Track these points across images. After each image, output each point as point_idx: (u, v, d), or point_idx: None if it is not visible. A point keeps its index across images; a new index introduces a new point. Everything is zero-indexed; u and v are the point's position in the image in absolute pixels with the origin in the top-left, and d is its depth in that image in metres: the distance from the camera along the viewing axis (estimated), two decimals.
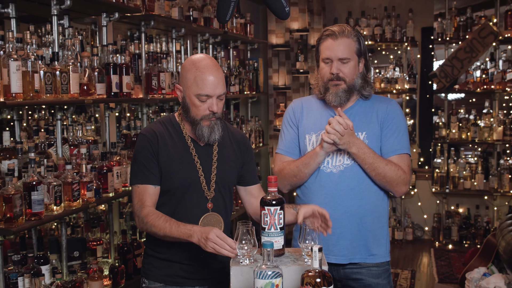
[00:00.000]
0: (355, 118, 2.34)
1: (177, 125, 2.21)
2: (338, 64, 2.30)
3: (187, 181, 2.14)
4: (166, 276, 2.19)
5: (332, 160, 2.32)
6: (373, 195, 2.34)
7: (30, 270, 2.48)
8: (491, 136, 5.75)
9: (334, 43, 2.30)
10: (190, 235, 1.94)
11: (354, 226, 2.31)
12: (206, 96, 2.08)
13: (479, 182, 5.86)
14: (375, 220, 2.34)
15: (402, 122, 2.37)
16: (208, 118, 2.11)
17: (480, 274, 3.97)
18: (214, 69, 2.09)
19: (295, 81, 6.14)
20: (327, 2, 6.34)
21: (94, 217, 3.47)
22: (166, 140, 2.16)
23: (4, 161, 2.48)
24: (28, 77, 2.38)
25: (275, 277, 1.64)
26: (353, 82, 2.33)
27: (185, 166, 2.15)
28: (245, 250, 1.87)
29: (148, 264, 2.24)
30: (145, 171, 2.12)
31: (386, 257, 2.38)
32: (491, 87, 5.73)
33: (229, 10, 2.63)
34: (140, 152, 2.16)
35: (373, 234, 2.34)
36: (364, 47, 2.36)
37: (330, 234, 2.18)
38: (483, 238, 5.53)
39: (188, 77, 2.10)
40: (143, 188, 2.12)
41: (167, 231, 2.00)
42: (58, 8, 2.69)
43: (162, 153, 2.14)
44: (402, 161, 2.32)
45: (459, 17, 5.95)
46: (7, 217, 2.26)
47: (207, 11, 4.32)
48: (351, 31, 2.32)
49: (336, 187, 2.31)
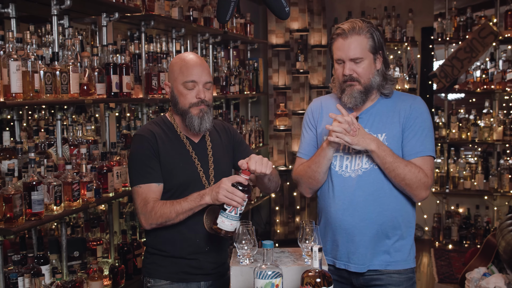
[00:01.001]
0: (375, 118, 2.21)
1: (170, 124, 2.26)
2: (350, 64, 2.15)
3: (188, 177, 2.18)
4: (172, 273, 2.21)
5: (351, 164, 2.19)
6: (394, 201, 2.18)
7: (30, 270, 2.48)
8: (491, 136, 5.75)
9: (344, 43, 2.15)
10: (201, 197, 2.03)
11: (373, 233, 2.16)
12: (192, 82, 2.16)
13: (479, 182, 5.86)
14: (397, 226, 2.19)
15: (426, 121, 2.18)
16: (197, 106, 2.17)
17: (480, 274, 3.97)
18: (198, 60, 2.21)
19: (295, 81, 6.14)
20: (327, 2, 6.34)
21: (94, 217, 3.47)
22: (163, 139, 2.20)
23: (4, 161, 2.48)
24: (28, 77, 2.38)
25: (275, 277, 1.64)
26: (369, 81, 2.17)
27: (185, 163, 2.20)
28: (245, 250, 1.88)
29: (152, 263, 2.24)
30: (147, 170, 2.14)
31: (410, 264, 2.23)
32: (491, 87, 5.73)
33: (229, 10, 2.63)
34: (139, 152, 2.17)
35: (394, 241, 2.19)
36: (379, 43, 2.18)
37: (349, 242, 2.16)
38: (483, 238, 5.53)
39: (174, 70, 2.21)
40: (146, 188, 2.14)
41: (178, 209, 2.05)
42: (58, 8, 2.69)
43: (162, 152, 2.17)
44: (425, 164, 2.14)
45: (459, 17, 5.95)
46: (7, 217, 2.26)
47: (207, 11, 4.32)
48: (363, 27, 2.14)
49: (354, 193, 2.16)
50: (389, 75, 2.23)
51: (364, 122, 2.20)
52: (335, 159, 2.21)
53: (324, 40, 6.19)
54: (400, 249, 2.20)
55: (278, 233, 6.11)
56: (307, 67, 6.12)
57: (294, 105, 6.16)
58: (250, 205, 5.19)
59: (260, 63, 6.01)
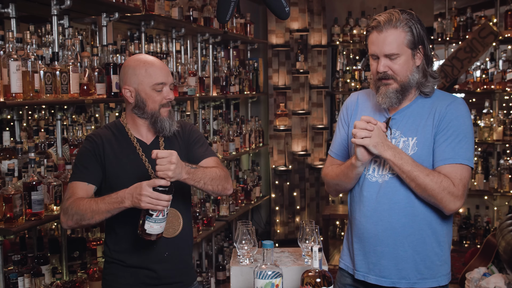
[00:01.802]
0: (409, 120, 2.00)
1: (121, 127, 2.17)
2: (385, 61, 1.95)
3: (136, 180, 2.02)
4: (131, 285, 2.09)
5: (378, 168, 2.01)
6: (423, 212, 1.97)
7: (30, 270, 2.48)
8: (491, 136, 5.75)
9: (379, 37, 1.94)
10: (121, 201, 1.90)
11: (398, 245, 1.98)
12: (162, 84, 2.10)
13: (479, 182, 5.86)
14: (426, 240, 1.99)
15: (463, 125, 1.94)
16: (166, 107, 2.12)
17: (480, 274, 3.97)
18: (159, 61, 2.15)
19: (295, 81, 6.14)
20: (327, 2, 6.34)
21: None
22: (112, 143, 2.12)
23: (4, 161, 2.48)
24: (28, 77, 2.38)
25: (275, 277, 1.64)
26: (407, 79, 1.96)
27: (133, 167, 2.11)
28: (245, 250, 1.88)
29: (110, 274, 2.13)
30: (83, 170, 2.07)
31: (440, 281, 2.02)
32: (491, 87, 5.73)
33: (229, 10, 2.63)
34: (81, 154, 2.11)
35: (423, 256, 1.99)
36: (419, 36, 1.96)
37: (370, 252, 2.01)
38: (483, 238, 5.53)
39: (138, 73, 2.10)
40: (75, 184, 2.05)
41: (94, 208, 1.93)
42: (58, 8, 2.70)
43: (108, 156, 2.09)
44: (454, 172, 1.89)
45: (459, 17, 5.94)
46: (7, 217, 2.26)
47: (207, 11, 4.32)
48: (400, 19, 1.94)
49: (377, 199, 1.99)
50: (431, 72, 2.01)
51: (397, 124, 2.02)
52: None
53: (324, 40, 6.19)
54: (431, 265, 2.00)
55: (278, 233, 6.11)
56: (307, 67, 6.12)
57: (294, 105, 6.16)
58: (250, 205, 5.19)
59: (260, 63, 6.01)
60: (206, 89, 4.37)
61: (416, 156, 1.95)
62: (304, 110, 6.18)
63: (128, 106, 2.16)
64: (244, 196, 5.12)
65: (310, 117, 6.23)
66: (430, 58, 2.01)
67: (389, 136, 2.00)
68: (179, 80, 3.92)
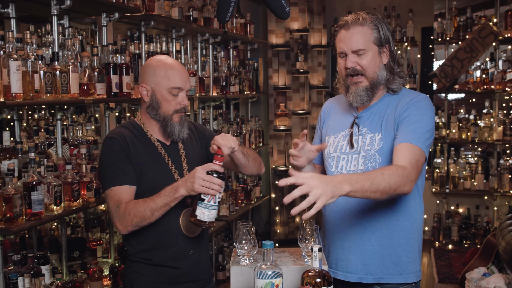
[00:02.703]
0: (375, 117, 2.05)
1: (139, 127, 2.19)
2: (353, 56, 2.00)
3: (162, 179, 2.10)
4: (157, 283, 2.12)
5: (347, 165, 2.05)
6: (390, 207, 2.00)
7: (30, 270, 2.48)
8: (491, 136, 5.75)
9: (346, 34, 2.01)
10: (176, 190, 1.95)
11: (365, 240, 2.00)
12: (178, 89, 2.12)
13: (479, 182, 5.86)
14: (394, 235, 2.00)
15: (425, 116, 1.96)
16: (179, 113, 2.15)
17: (480, 274, 3.97)
18: (181, 65, 2.18)
19: (295, 81, 6.14)
20: (327, 2, 6.34)
21: (94, 217, 3.46)
22: (134, 142, 2.13)
23: (4, 161, 2.48)
24: (28, 77, 2.38)
25: (275, 277, 1.64)
26: (375, 76, 2.01)
27: (158, 166, 2.14)
28: (245, 250, 1.88)
29: (135, 272, 2.15)
30: (119, 173, 2.06)
31: (408, 278, 2.01)
32: (491, 87, 5.73)
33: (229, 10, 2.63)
34: (110, 155, 2.09)
35: (389, 252, 2.00)
36: (386, 35, 2.02)
37: (339, 247, 2.04)
38: (483, 238, 5.53)
39: (157, 74, 2.12)
40: (117, 190, 2.05)
41: (152, 206, 1.96)
42: (58, 8, 2.70)
43: (134, 155, 2.10)
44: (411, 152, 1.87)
45: (459, 17, 5.95)
46: (7, 217, 2.26)
47: (207, 11, 4.32)
48: (367, 18, 2.01)
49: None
50: (398, 71, 2.07)
51: (364, 121, 2.07)
52: (333, 160, 2.10)
53: (324, 40, 6.18)
54: (398, 262, 2.01)
55: (278, 233, 6.11)
56: (307, 67, 6.12)
57: (294, 105, 6.16)
58: (250, 205, 5.19)
59: (260, 63, 6.01)
60: (206, 89, 4.37)
61: (381, 151, 1.99)
62: (304, 110, 6.18)
63: (143, 104, 2.19)
64: (244, 196, 5.12)
65: (310, 117, 6.23)
66: (395, 58, 2.07)
67: (356, 133, 2.06)
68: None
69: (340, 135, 2.11)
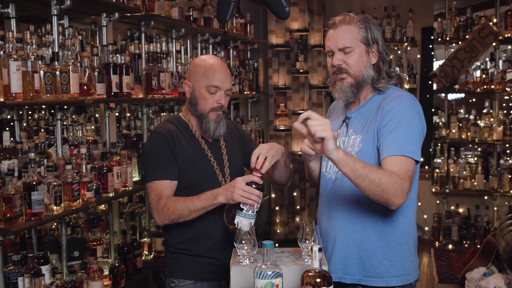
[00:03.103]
0: (361, 118, 2.05)
1: (184, 123, 2.30)
2: (339, 54, 2.02)
3: (204, 175, 2.22)
4: (196, 272, 2.23)
5: (333, 166, 2.03)
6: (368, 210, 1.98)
7: (30, 270, 2.48)
8: (491, 136, 5.75)
9: (334, 33, 2.04)
10: (215, 197, 2.02)
11: (344, 241, 2.01)
12: (216, 87, 2.21)
13: (479, 182, 5.86)
14: (372, 238, 1.98)
15: (405, 118, 1.91)
16: (216, 111, 2.23)
17: (480, 274, 3.97)
18: (223, 66, 2.27)
19: (295, 81, 6.14)
20: (327, 2, 6.34)
21: (94, 217, 3.46)
22: (180, 137, 2.24)
23: (4, 161, 2.48)
24: (28, 77, 2.38)
25: (275, 277, 1.64)
26: (361, 74, 2.02)
27: (201, 161, 2.24)
28: (245, 250, 1.88)
29: (174, 263, 2.26)
30: (161, 167, 2.17)
31: (389, 282, 1.99)
32: (491, 87, 5.73)
33: (229, 10, 2.63)
34: (154, 149, 2.20)
35: (368, 254, 1.99)
36: (374, 35, 2.03)
37: (324, 248, 2.05)
38: (483, 238, 5.53)
39: (198, 71, 2.23)
40: (159, 184, 2.16)
41: (191, 207, 2.06)
42: (58, 8, 2.69)
43: (179, 150, 2.21)
44: (398, 165, 1.85)
45: (459, 17, 5.95)
46: (7, 217, 2.26)
47: (207, 11, 4.32)
48: (355, 17, 2.04)
49: (330, 196, 2.06)
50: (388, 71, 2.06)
51: (351, 123, 2.08)
52: (324, 160, 2.13)
53: None
54: (380, 264, 1.99)
55: (278, 233, 6.11)
56: (307, 67, 6.12)
57: (294, 105, 6.16)
58: None
59: (260, 63, 6.01)
60: None
61: (360, 153, 1.97)
62: (304, 110, 6.18)
63: (186, 100, 2.32)
64: None
65: None
66: (385, 59, 2.06)
67: (344, 134, 2.09)
68: (179, 80, 3.92)
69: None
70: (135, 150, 3.46)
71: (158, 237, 3.55)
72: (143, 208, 3.67)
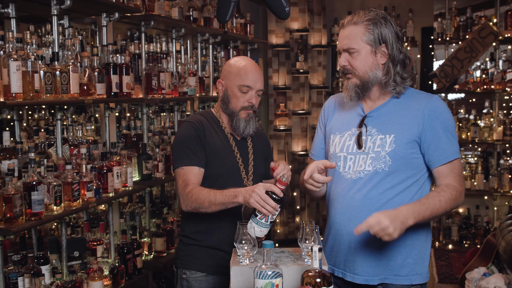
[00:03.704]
0: (385, 118, 2.03)
1: (216, 119, 2.38)
2: (345, 55, 2.03)
3: (229, 169, 2.30)
4: (208, 265, 2.28)
5: (354, 165, 2.04)
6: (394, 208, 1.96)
7: (30, 270, 2.48)
8: (491, 136, 5.75)
9: (341, 33, 2.06)
10: (235, 195, 2.04)
11: (370, 242, 1.99)
12: (248, 87, 2.29)
13: (479, 182, 5.86)
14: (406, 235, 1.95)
15: (448, 121, 2.00)
16: (246, 110, 2.30)
17: (480, 274, 3.97)
18: (256, 67, 2.35)
19: (295, 81, 6.14)
20: (327, 2, 6.34)
21: (94, 217, 3.46)
22: (210, 129, 2.32)
23: (4, 161, 2.48)
24: (28, 77, 2.38)
25: (275, 277, 1.64)
26: (366, 75, 2.01)
27: (227, 155, 2.32)
28: (245, 250, 1.88)
29: (188, 255, 2.32)
30: (191, 154, 2.22)
31: (413, 280, 2.02)
32: (491, 87, 5.73)
33: (229, 10, 2.63)
34: (186, 137, 2.26)
35: (394, 253, 2.01)
36: (382, 35, 1.99)
37: (347, 250, 2.03)
38: (483, 238, 5.53)
39: (232, 71, 2.32)
40: (187, 169, 2.22)
41: (212, 199, 2.08)
42: (58, 8, 2.69)
43: (208, 140, 2.28)
44: (453, 171, 1.98)
45: (459, 17, 5.94)
46: (7, 217, 2.26)
47: (207, 11, 4.32)
48: (362, 17, 2.02)
49: (351, 196, 2.03)
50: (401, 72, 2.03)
51: (373, 122, 2.06)
52: (339, 159, 2.08)
53: (324, 40, 6.18)
54: (402, 263, 2.01)
55: (278, 233, 6.11)
56: (307, 67, 6.12)
57: (294, 105, 6.16)
58: None
59: (260, 63, 6.01)
60: (206, 89, 4.37)
61: (393, 153, 2.00)
62: (304, 110, 6.18)
63: (219, 98, 2.40)
64: None
65: (310, 117, 6.23)
66: (396, 59, 2.02)
67: (364, 134, 2.05)
68: (179, 80, 3.92)
69: (346, 135, 2.10)
70: (135, 150, 3.46)
71: (158, 237, 3.55)
72: (143, 208, 3.67)
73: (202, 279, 2.30)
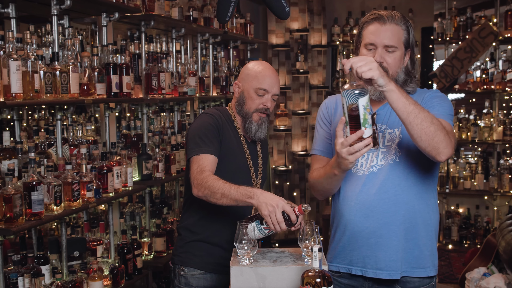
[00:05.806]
0: (392, 113, 2.02)
1: (230, 117, 2.42)
2: (382, 52, 2.00)
3: (239, 166, 2.34)
4: (207, 263, 2.29)
5: (367, 162, 2.04)
6: (412, 200, 2.01)
7: (30, 270, 2.48)
8: (491, 136, 5.75)
9: (381, 28, 2.00)
10: (250, 196, 1.99)
11: (392, 235, 2.00)
12: (264, 90, 2.33)
13: (479, 182, 5.86)
14: (417, 228, 2.01)
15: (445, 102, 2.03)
16: (260, 113, 2.34)
17: (480, 274, 3.97)
18: (273, 72, 2.40)
19: (295, 81, 6.14)
20: (327, 2, 6.34)
21: (94, 217, 3.46)
22: (226, 125, 2.35)
23: (4, 161, 2.48)
24: (28, 77, 2.38)
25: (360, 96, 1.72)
26: (395, 75, 2.02)
27: (239, 154, 2.36)
28: (245, 250, 1.87)
29: (186, 252, 2.32)
30: (208, 143, 2.22)
31: (429, 272, 2.05)
32: (491, 87, 5.73)
33: (229, 10, 2.63)
34: (205, 127, 2.26)
35: (412, 245, 2.02)
36: (413, 39, 2.07)
37: (365, 246, 2.03)
38: (483, 238, 5.53)
39: (250, 74, 2.37)
40: (204, 157, 2.20)
41: (225, 191, 2.03)
42: (58, 8, 2.69)
43: (225, 134, 2.31)
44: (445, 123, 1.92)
45: (459, 17, 5.95)
46: (7, 217, 2.26)
47: (207, 11, 4.32)
48: (401, 18, 2.03)
49: (368, 191, 2.02)
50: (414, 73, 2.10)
51: (382, 118, 2.07)
52: None
53: (324, 40, 6.18)
54: (419, 256, 2.03)
55: (278, 233, 6.11)
56: (307, 67, 6.12)
57: (294, 105, 6.16)
58: None
59: None
60: (206, 89, 4.37)
61: (401, 144, 2.02)
62: (304, 110, 6.18)
63: (233, 100, 2.45)
64: None
65: (310, 117, 6.23)
66: (414, 62, 2.11)
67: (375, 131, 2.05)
68: (179, 80, 3.92)
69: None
70: (135, 150, 3.46)
71: (158, 237, 3.55)
72: (143, 208, 3.67)
73: (200, 277, 2.31)
